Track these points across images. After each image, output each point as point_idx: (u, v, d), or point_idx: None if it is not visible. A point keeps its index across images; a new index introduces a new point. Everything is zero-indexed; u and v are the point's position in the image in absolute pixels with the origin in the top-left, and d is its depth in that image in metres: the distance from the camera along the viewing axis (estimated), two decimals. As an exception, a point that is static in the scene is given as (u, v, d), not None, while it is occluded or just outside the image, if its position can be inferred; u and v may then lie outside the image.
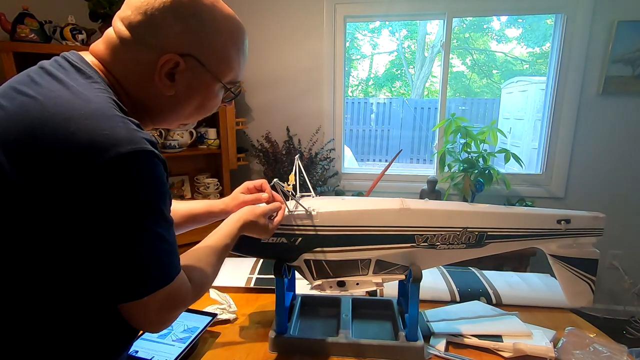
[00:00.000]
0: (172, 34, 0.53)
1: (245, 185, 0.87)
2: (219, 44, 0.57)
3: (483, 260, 0.97)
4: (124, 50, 0.54)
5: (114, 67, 0.55)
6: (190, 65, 0.55)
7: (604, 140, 2.20)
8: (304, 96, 2.40)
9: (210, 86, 0.59)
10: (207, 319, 0.93)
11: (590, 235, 0.88)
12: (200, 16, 0.54)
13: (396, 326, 0.90)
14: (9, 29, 1.66)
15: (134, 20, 0.53)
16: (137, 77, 0.55)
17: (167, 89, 0.56)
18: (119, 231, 0.47)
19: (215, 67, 0.57)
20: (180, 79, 0.56)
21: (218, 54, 0.57)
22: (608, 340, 0.89)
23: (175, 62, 0.54)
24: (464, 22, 7.11)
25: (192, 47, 0.55)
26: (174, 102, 0.58)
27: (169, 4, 0.52)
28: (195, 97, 0.59)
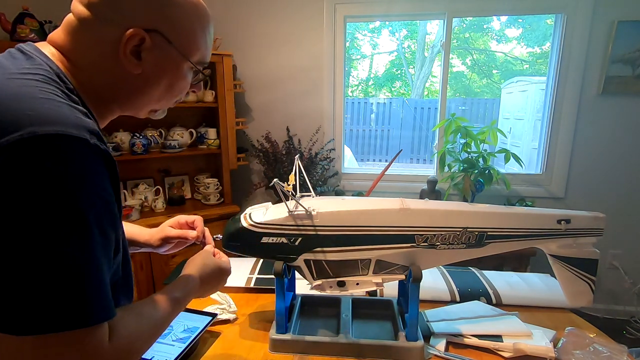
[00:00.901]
0: (136, 8, 0.50)
1: (177, 219, 0.83)
2: (184, 20, 0.54)
3: (483, 260, 0.97)
4: (85, 31, 0.51)
5: (74, 52, 0.52)
6: (157, 41, 0.52)
7: (604, 140, 2.20)
8: (304, 96, 2.40)
9: (178, 65, 0.56)
10: (207, 319, 0.93)
11: (590, 235, 0.88)
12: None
13: (396, 326, 0.90)
14: (9, 29, 1.66)
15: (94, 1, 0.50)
16: (102, 58, 0.51)
17: (134, 67, 0.52)
18: (16, 236, 0.37)
19: (182, 44, 0.55)
20: (147, 56, 0.52)
21: (184, 31, 0.55)
22: (608, 340, 0.89)
23: (140, 37, 0.50)
24: (464, 22, 7.11)
25: (158, 22, 0.52)
26: (142, 82, 0.54)
27: None
28: (163, 76, 0.55)
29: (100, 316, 0.42)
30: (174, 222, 0.82)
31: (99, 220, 0.42)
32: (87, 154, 0.41)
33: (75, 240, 0.40)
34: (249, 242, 0.84)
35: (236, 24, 2.35)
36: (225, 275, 0.75)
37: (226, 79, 2.07)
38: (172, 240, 0.80)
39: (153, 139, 2.10)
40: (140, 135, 2.01)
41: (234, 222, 0.86)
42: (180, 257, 1.93)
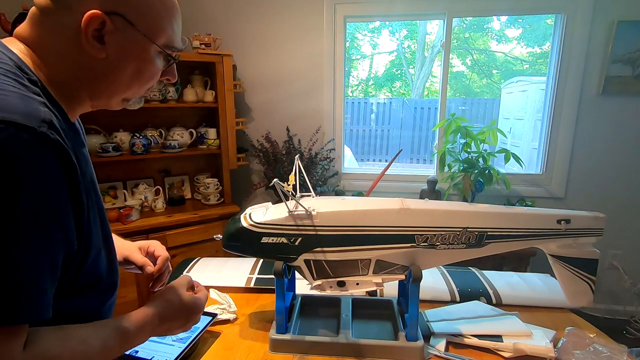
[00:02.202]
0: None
1: (149, 245, 0.81)
2: (146, 3, 0.53)
3: (483, 260, 0.97)
4: (46, 20, 0.50)
5: (39, 43, 0.51)
6: (119, 24, 0.51)
7: (604, 140, 2.20)
8: (304, 96, 2.40)
9: (144, 48, 0.54)
10: (207, 319, 0.93)
11: (590, 235, 0.88)
12: None
13: (396, 326, 0.90)
14: (9, 29, 1.66)
15: None
16: (65, 46, 0.50)
17: (97, 51, 0.51)
18: None
19: (145, 26, 0.53)
20: (110, 40, 0.51)
21: (147, 13, 0.53)
22: (608, 340, 0.89)
23: (100, 21, 0.49)
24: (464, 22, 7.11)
25: (117, 5, 0.50)
26: (107, 67, 0.53)
27: None
28: (129, 60, 0.54)
29: (19, 317, 0.40)
30: (144, 246, 0.81)
31: (36, 216, 0.40)
32: (32, 143, 0.39)
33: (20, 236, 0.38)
34: (249, 242, 0.84)
35: (236, 24, 2.35)
36: (194, 314, 0.67)
37: (226, 79, 2.07)
38: (133, 263, 0.78)
39: (153, 139, 2.10)
40: (140, 135, 2.01)
41: (234, 222, 0.86)
42: (180, 257, 1.93)
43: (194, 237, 1.99)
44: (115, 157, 1.91)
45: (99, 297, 0.59)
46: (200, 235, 2.00)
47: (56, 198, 0.43)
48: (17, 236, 0.39)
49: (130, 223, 1.85)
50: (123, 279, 1.94)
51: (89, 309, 0.57)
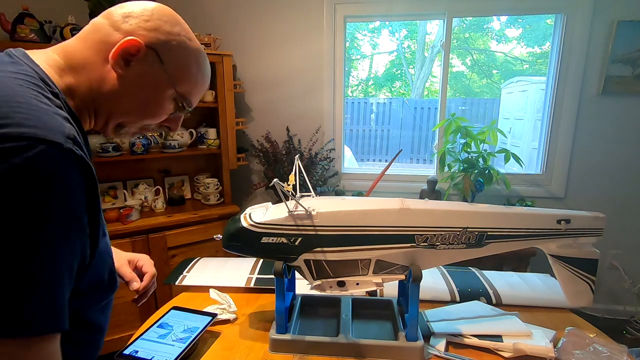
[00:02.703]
0: (144, 26, 0.55)
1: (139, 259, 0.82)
2: (184, 54, 0.59)
3: (483, 260, 0.97)
4: (94, 33, 0.55)
5: (75, 50, 0.55)
6: (150, 57, 0.56)
7: (604, 140, 2.20)
8: (304, 96, 2.40)
9: (161, 86, 0.58)
10: (207, 319, 0.93)
11: (590, 235, 0.88)
12: (178, 28, 0.59)
13: (396, 326, 0.90)
14: (9, 29, 1.66)
15: (113, 12, 0.56)
16: (94, 58, 0.55)
17: (119, 68, 0.55)
18: None
19: (172, 69, 0.58)
20: (135, 66, 0.55)
21: (180, 60, 0.59)
22: (608, 340, 0.89)
23: (136, 47, 0.54)
24: (464, 22, 7.12)
25: (159, 44, 0.56)
26: (120, 86, 0.56)
27: (155, 8, 0.57)
28: (142, 89, 0.57)
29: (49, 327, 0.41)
30: (133, 260, 0.81)
31: (63, 227, 0.41)
32: (60, 159, 0.41)
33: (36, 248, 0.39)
34: (249, 242, 0.84)
35: (236, 24, 2.35)
36: None
37: (226, 79, 2.07)
38: (120, 276, 0.78)
39: (153, 139, 2.10)
40: (140, 135, 2.01)
41: (234, 222, 0.86)
42: (180, 257, 1.94)
43: (194, 237, 1.99)
44: (115, 157, 1.91)
45: (97, 298, 0.59)
46: (200, 235, 2.01)
47: (79, 211, 0.44)
48: (47, 249, 0.40)
49: (130, 223, 1.85)
50: (123, 279, 1.91)
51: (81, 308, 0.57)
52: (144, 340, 0.86)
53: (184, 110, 0.63)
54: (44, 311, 0.40)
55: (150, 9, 0.57)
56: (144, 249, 1.84)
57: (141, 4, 0.58)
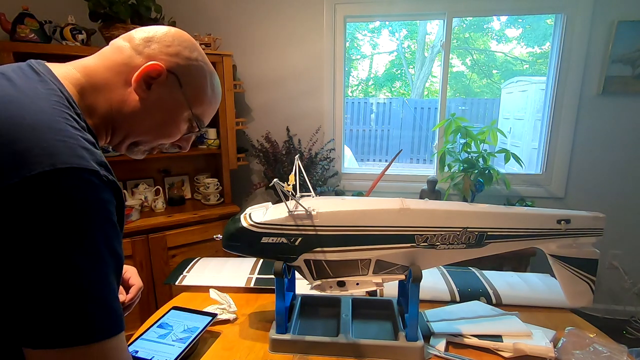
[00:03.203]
0: (165, 51, 0.59)
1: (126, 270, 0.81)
2: (201, 78, 0.63)
3: (483, 260, 0.97)
4: (116, 54, 0.58)
5: (97, 69, 0.57)
6: (170, 81, 0.59)
7: (604, 140, 2.20)
8: (304, 96, 2.40)
9: (179, 108, 0.62)
10: (207, 319, 0.93)
11: (590, 235, 0.88)
12: (196, 54, 0.62)
13: (396, 326, 0.90)
14: (9, 29, 1.66)
15: (135, 36, 0.59)
16: (116, 79, 0.57)
17: (141, 91, 0.58)
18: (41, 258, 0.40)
19: (190, 93, 0.62)
20: (156, 89, 0.59)
21: (197, 84, 0.62)
22: (608, 340, 0.89)
23: (159, 71, 0.57)
24: (464, 22, 7.11)
25: (179, 69, 0.60)
26: (140, 108, 0.59)
27: (174, 33, 0.61)
28: (161, 111, 0.61)
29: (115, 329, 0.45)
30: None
31: (111, 243, 0.46)
32: (99, 185, 0.45)
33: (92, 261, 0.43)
34: (249, 242, 0.84)
35: (236, 24, 2.35)
36: None
37: (226, 79, 2.07)
38: None
39: (153, 139, 2.10)
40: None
41: (234, 222, 0.86)
42: (180, 257, 1.94)
43: (194, 237, 1.99)
44: (115, 157, 1.91)
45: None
46: (200, 235, 2.00)
47: (117, 226, 0.48)
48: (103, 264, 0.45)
49: (130, 223, 1.85)
50: (123, 279, 1.91)
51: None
52: (144, 340, 0.86)
53: (197, 130, 0.67)
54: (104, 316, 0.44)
55: (171, 34, 0.60)
56: (144, 249, 1.85)
57: (162, 29, 0.61)
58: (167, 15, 2.08)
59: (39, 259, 0.40)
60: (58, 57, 1.74)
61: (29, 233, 0.40)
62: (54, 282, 0.40)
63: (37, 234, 0.40)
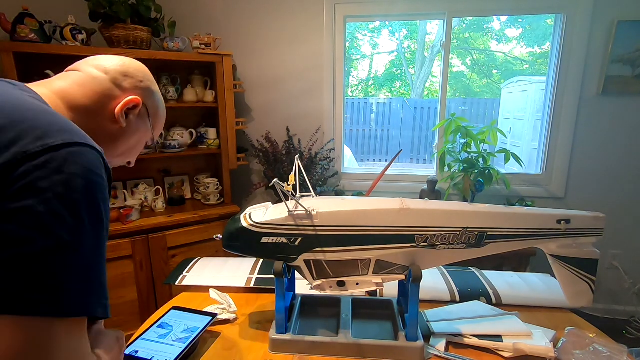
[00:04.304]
0: (139, 86, 0.68)
1: None
2: (159, 105, 0.74)
3: (483, 260, 0.97)
4: (94, 84, 0.63)
5: (75, 95, 0.60)
6: (142, 112, 0.69)
7: (604, 140, 2.20)
8: (304, 96, 2.40)
9: (146, 133, 0.72)
10: (207, 319, 0.93)
11: (590, 235, 0.88)
12: (156, 87, 0.73)
13: (396, 326, 0.90)
14: (9, 29, 1.66)
15: (110, 68, 0.65)
16: (96, 108, 0.62)
17: (123, 121, 0.65)
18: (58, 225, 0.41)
19: (154, 120, 0.73)
20: (132, 119, 0.67)
21: (158, 112, 0.74)
22: (608, 340, 0.89)
23: (137, 104, 0.66)
24: (464, 22, 7.11)
25: (148, 99, 0.70)
26: (119, 134, 0.66)
27: (141, 67, 0.70)
28: (134, 137, 0.69)
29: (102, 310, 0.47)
30: None
31: (107, 223, 0.49)
32: (102, 163, 0.49)
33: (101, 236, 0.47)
34: (249, 242, 0.84)
35: (236, 24, 2.35)
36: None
37: (226, 79, 2.07)
38: None
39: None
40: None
41: (234, 222, 0.86)
42: (180, 257, 1.94)
43: (194, 237, 1.99)
44: (115, 157, 1.91)
45: None
46: (200, 235, 2.00)
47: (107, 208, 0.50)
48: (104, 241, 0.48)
49: (130, 223, 1.85)
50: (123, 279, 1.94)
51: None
52: (144, 340, 0.86)
53: (155, 146, 0.77)
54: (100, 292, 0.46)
55: (141, 70, 0.69)
56: (144, 249, 1.85)
57: (132, 63, 0.69)
58: (167, 15, 2.08)
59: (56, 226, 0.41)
60: (58, 57, 1.74)
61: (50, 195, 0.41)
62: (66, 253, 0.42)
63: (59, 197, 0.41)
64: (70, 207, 0.42)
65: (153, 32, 1.98)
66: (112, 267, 1.77)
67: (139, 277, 1.85)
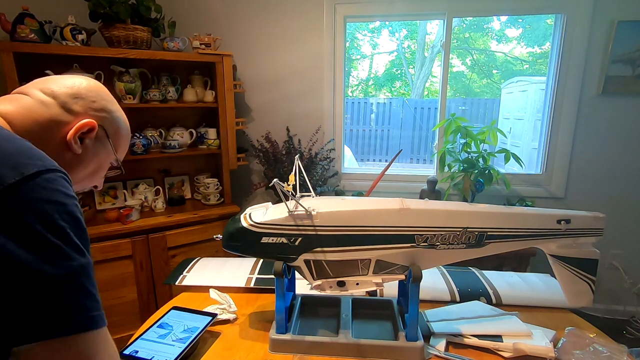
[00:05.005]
0: (92, 106, 0.63)
1: None
2: (119, 124, 0.69)
3: (483, 260, 0.97)
4: (41, 109, 0.58)
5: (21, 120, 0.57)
6: (100, 134, 0.65)
7: (604, 140, 2.20)
8: (304, 96, 2.40)
9: (107, 156, 0.68)
10: (207, 319, 0.93)
11: (590, 235, 0.88)
12: (114, 105, 0.68)
13: (396, 326, 0.90)
14: (9, 29, 1.66)
15: (58, 92, 0.61)
16: (46, 135, 0.58)
17: (77, 147, 0.61)
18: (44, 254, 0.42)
19: (115, 141, 0.68)
20: (89, 143, 0.63)
21: (120, 132, 0.69)
22: (608, 340, 0.89)
23: (91, 128, 0.62)
24: (464, 22, 7.11)
25: (105, 120, 0.65)
26: (76, 161, 0.62)
27: (94, 87, 0.65)
28: (93, 162, 0.66)
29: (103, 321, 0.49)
30: None
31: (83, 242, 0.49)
32: (70, 184, 0.50)
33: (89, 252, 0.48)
34: (249, 242, 0.84)
35: (236, 24, 2.35)
36: None
37: (226, 79, 2.07)
38: None
39: (153, 139, 2.10)
40: (140, 135, 2.01)
41: (234, 222, 0.86)
42: (180, 257, 1.94)
43: (194, 237, 1.99)
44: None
45: None
46: (200, 235, 2.01)
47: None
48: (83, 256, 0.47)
49: (130, 223, 1.85)
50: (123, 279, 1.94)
51: None
52: (144, 340, 0.86)
53: (122, 169, 0.74)
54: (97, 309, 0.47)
55: (93, 89, 0.65)
56: (144, 249, 1.85)
57: (82, 83, 0.64)
58: (167, 15, 2.08)
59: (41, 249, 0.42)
60: (58, 57, 1.74)
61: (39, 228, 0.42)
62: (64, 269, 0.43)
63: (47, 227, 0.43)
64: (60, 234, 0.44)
65: (153, 32, 1.97)
66: (112, 267, 1.78)
67: (139, 277, 1.85)
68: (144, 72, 2.03)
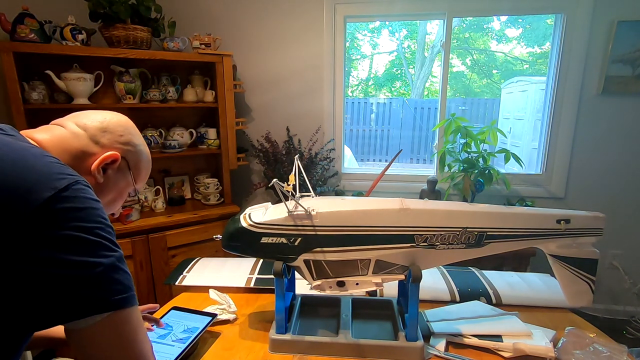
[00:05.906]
0: (119, 140, 0.69)
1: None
2: (142, 158, 0.74)
3: (483, 260, 0.97)
4: (73, 139, 0.64)
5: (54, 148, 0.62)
6: (122, 165, 0.70)
7: (604, 140, 2.20)
8: (304, 96, 2.40)
9: (127, 186, 0.73)
10: (207, 319, 0.93)
11: (590, 235, 0.88)
12: (139, 139, 0.74)
13: (396, 326, 0.90)
14: (9, 29, 1.66)
15: (89, 125, 0.67)
16: (74, 161, 0.63)
17: (100, 177, 0.66)
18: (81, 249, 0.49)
19: (135, 173, 0.73)
20: (111, 173, 0.68)
21: (141, 164, 0.74)
22: (608, 340, 0.89)
23: (115, 159, 0.67)
24: (464, 22, 7.11)
25: (129, 153, 0.70)
26: (96, 190, 0.65)
27: (123, 122, 0.71)
28: (113, 191, 0.70)
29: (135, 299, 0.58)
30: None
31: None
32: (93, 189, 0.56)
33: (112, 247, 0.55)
34: (248, 242, 0.84)
35: (236, 24, 2.35)
36: None
37: (226, 79, 2.07)
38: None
39: (153, 139, 2.10)
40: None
41: (234, 222, 0.86)
42: (180, 257, 1.94)
43: (194, 237, 1.99)
44: (115, 157, 1.91)
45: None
46: (200, 235, 2.01)
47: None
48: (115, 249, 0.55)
49: (130, 223, 1.85)
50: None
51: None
52: (143, 340, 0.85)
53: (139, 199, 0.79)
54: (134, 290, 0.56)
55: (121, 124, 0.71)
56: (144, 249, 1.85)
57: (112, 118, 0.70)
58: (167, 15, 2.08)
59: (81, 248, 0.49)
60: (58, 57, 1.74)
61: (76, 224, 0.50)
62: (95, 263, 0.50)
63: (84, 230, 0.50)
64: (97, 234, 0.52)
65: (153, 32, 1.97)
66: (112, 267, 1.77)
67: (139, 277, 1.85)
68: (144, 72, 2.03)
